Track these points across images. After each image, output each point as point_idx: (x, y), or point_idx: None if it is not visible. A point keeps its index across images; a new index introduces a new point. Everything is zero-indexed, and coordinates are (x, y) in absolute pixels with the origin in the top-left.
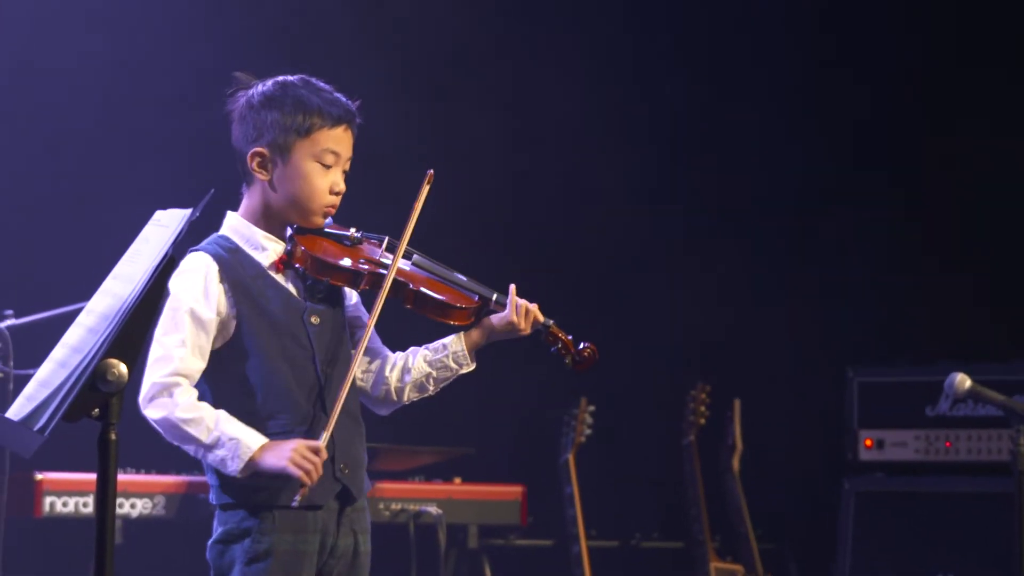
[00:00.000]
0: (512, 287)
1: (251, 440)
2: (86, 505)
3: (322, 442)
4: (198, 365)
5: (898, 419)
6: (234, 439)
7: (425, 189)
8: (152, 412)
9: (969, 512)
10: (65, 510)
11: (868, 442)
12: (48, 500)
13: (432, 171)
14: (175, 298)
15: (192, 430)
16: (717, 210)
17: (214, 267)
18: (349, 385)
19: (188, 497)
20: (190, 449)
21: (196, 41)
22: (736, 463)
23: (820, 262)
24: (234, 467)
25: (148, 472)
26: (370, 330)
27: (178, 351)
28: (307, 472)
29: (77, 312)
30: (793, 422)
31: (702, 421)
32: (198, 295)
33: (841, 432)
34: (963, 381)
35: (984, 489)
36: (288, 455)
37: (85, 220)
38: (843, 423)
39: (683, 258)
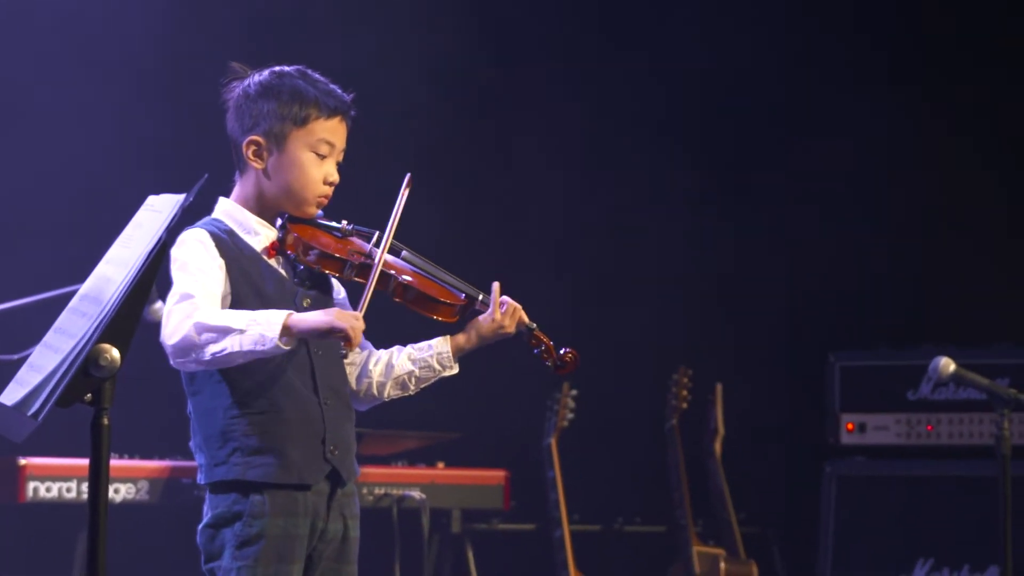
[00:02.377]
0: (496, 285)
1: (279, 312)
2: (70, 490)
3: (360, 312)
4: (216, 305)
5: (879, 403)
6: (264, 313)
7: (404, 193)
8: (175, 336)
9: (950, 495)
10: (49, 495)
11: (850, 426)
12: (32, 485)
13: (410, 175)
14: (180, 261)
15: (222, 321)
16: (699, 196)
17: (211, 241)
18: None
19: (172, 482)
20: (227, 346)
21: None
22: (718, 447)
23: (801, 245)
24: (274, 333)
25: (132, 457)
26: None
27: (195, 287)
28: (351, 327)
29: (60, 297)
30: (775, 406)
31: (684, 405)
32: (202, 253)
33: (823, 416)
34: (947, 365)
35: (965, 472)
36: (332, 312)
37: (72, 205)
38: (825, 407)
39: (666, 242)
